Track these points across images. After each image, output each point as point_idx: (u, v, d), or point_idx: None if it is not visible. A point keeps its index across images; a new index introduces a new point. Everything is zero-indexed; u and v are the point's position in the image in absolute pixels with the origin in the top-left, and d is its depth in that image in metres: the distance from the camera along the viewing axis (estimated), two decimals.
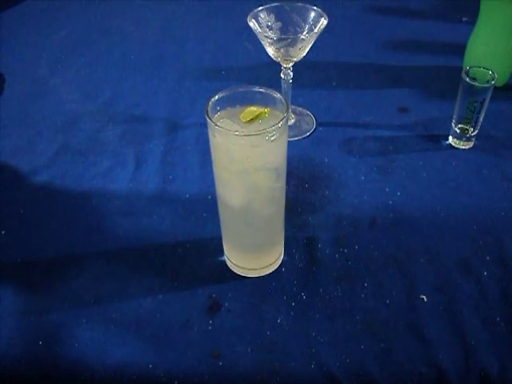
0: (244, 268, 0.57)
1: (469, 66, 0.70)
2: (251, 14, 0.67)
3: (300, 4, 0.68)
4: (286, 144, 0.49)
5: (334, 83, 0.91)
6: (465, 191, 0.68)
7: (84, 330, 0.52)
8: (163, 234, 0.63)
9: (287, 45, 0.65)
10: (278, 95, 0.47)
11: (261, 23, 0.68)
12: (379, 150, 0.75)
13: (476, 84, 0.68)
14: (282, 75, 0.72)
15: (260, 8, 0.68)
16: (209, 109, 0.46)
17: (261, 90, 0.48)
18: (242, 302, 0.55)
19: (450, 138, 0.76)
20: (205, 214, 0.65)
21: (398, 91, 0.88)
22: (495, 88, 0.69)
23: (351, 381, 0.48)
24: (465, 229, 0.62)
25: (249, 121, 0.47)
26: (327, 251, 0.60)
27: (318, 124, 0.81)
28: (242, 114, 0.48)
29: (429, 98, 0.86)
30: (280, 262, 0.59)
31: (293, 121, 0.81)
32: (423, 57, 0.97)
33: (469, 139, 0.74)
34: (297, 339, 0.51)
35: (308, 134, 0.79)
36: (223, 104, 0.48)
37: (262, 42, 0.67)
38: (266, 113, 0.48)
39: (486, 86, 0.68)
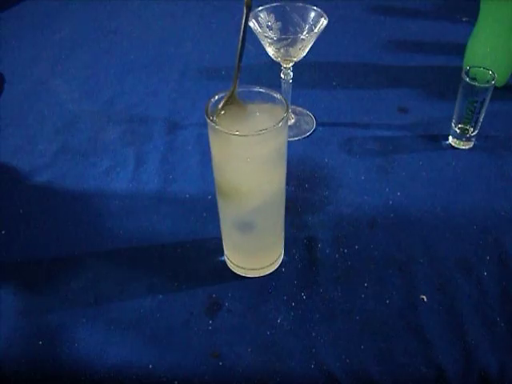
0: (244, 268, 0.57)
1: (469, 66, 0.70)
2: (251, 13, 0.67)
3: (300, 4, 0.68)
4: (286, 144, 0.49)
5: (334, 83, 0.91)
6: (465, 191, 0.68)
7: (84, 330, 0.52)
8: (163, 234, 0.63)
9: (287, 45, 0.65)
10: (279, 95, 0.47)
11: (261, 23, 0.68)
12: (379, 150, 0.75)
13: (476, 84, 0.68)
14: (282, 75, 0.72)
15: (260, 8, 0.68)
16: (209, 109, 0.46)
17: (261, 90, 0.48)
18: (241, 302, 0.55)
19: (450, 138, 0.76)
20: (205, 214, 0.65)
21: (398, 91, 0.88)
22: (495, 88, 0.69)
23: (351, 381, 0.48)
24: (465, 229, 0.62)
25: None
26: (327, 251, 0.60)
27: (318, 124, 0.81)
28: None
29: (429, 98, 0.86)
30: (280, 261, 0.59)
31: (293, 121, 0.81)
32: (423, 57, 0.97)
33: (469, 139, 0.74)
34: (297, 339, 0.51)
35: (308, 134, 0.79)
36: None
37: (262, 42, 0.67)
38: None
39: (486, 86, 0.68)
